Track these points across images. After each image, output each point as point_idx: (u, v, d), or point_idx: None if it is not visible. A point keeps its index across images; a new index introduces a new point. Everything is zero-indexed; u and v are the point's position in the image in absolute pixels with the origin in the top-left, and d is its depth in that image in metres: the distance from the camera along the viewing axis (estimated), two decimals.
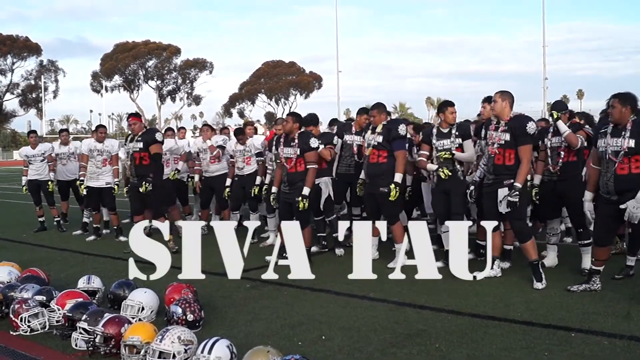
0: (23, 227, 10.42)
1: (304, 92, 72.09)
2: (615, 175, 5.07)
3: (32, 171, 10.02)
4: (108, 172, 9.01)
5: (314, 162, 6.82)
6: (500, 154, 5.72)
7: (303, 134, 6.89)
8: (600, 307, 4.96)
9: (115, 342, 4.14)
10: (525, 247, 5.70)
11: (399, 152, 6.50)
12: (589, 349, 4.06)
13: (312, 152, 6.79)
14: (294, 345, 4.26)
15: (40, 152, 9.96)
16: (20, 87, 66.28)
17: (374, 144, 6.57)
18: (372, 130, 6.69)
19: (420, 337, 4.37)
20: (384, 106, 6.82)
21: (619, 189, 5.05)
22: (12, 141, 68.47)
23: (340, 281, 5.83)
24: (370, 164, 6.63)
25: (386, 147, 6.52)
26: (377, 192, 6.54)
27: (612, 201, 5.13)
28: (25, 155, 10.12)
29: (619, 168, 5.05)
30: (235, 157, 8.77)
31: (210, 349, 3.70)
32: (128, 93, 69.68)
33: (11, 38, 63.57)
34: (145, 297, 4.90)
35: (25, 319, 4.68)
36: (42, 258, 7.70)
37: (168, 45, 68.98)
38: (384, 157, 6.54)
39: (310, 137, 6.86)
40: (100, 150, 8.99)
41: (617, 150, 5.07)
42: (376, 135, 6.58)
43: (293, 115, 7.12)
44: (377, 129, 6.62)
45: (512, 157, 5.66)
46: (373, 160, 6.60)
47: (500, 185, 5.67)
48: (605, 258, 5.40)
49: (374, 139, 6.59)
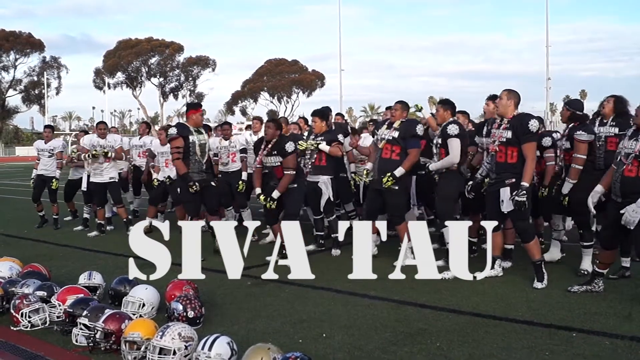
0: (25, 223, 10.43)
1: (306, 90, 72.05)
2: (622, 177, 5.05)
3: (40, 165, 10.01)
4: (111, 167, 9.06)
5: (291, 168, 6.90)
6: (502, 151, 5.70)
7: (280, 140, 6.94)
8: (602, 307, 4.95)
9: (115, 338, 4.14)
10: (529, 246, 5.69)
11: (412, 149, 6.55)
12: (590, 349, 4.05)
13: (289, 156, 6.87)
14: (294, 343, 4.26)
15: (49, 148, 9.93)
16: (23, 83, 66.28)
17: (389, 139, 6.60)
18: (389, 125, 6.72)
19: (421, 335, 4.37)
20: (406, 104, 6.82)
21: (624, 191, 5.04)
22: (15, 137, 68.53)
23: (341, 279, 5.83)
24: (382, 159, 6.64)
25: (400, 144, 6.56)
26: (385, 188, 6.56)
27: (618, 203, 5.12)
28: (36, 148, 10.16)
29: (627, 170, 5.03)
30: (220, 154, 8.75)
31: (210, 345, 3.71)
32: (131, 90, 69.76)
33: (14, 34, 63.59)
34: (146, 294, 4.90)
35: (26, 314, 4.69)
36: (44, 254, 7.71)
37: (171, 42, 69.01)
38: (397, 153, 6.56)
39: (286, 141, 6.90)
40: (103, 146, 9.01)
41: (629, 152, 5.06)
42: (392, 130, 6.62)
43: (273, 122, 7.14)
44: (394, 124, 6.65)
45: (515, 155, 5.63)
46: (386, 155, 6.61)
47: (502, 185, 5.66)
48: (611, 262, 5.37)
49: (389, 134, 6.62)
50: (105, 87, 65.15)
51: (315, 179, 7.38)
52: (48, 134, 10.15)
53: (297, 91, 72.49)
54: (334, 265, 6.70)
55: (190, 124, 7.17)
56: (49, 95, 64.79)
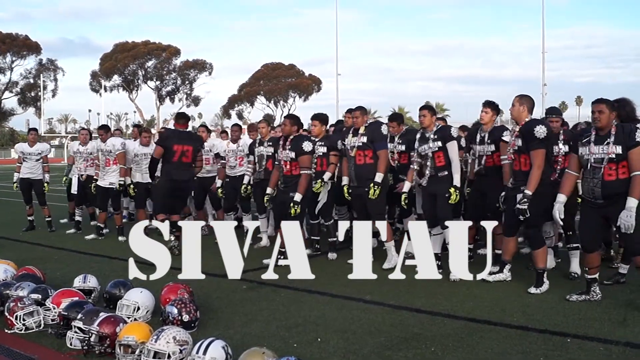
0: (20, 225, 10.37)
1: (303, 94, 72.00)
2: (602, 182, 5.06)
3: (25, 169, 9.86)
4: (112, 172, 8.99)
5: (307, 167, 6.87)
6: (516, 159, 5.71)
7: (297, 138, 6.95)
8: (597, 312, 4.96)
9: (110, 342, 4.13)
10: (536, 254, 5.71)
11: (382, 151, 6.64)
12: (585, 354, 4.06)
13: (305, 156, 6.85)
14: (289, 347, 4.26)
15: (37, 151, 9.86)
16: (19, 85, 66.09)
17: (359, 145, 6.66)
18: (354, 132, 6.77)
19: (416, 340, 4.37)
20: (364, 108, 6.94)
21: (606, 194, 5.06)
22: (11, 139, 68.28)
23: (336, 284, 5.83)
24: (358, 166, 6.69)
25: (370, 147, 6.64)
26: (364, 192, 6.60)
27: (599, 205, 5.14)
28: (21, 151, 9.94)
29: (607, 174, 5.04)
30: (227, 157, 8.75)
31: (205, 349, 3.70)
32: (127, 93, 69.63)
33: (10, 36, 63.40)
34: (141, 297, 4.89)
35: (20, 317, 4.67)
36: (39, 257, 7.69)
37: (168, 45, 68.87)
38: (370, 157, 6.66)
39: (304, 140, 6.88)
40: (103, 150, 9.00)
41: (600, 157, 5.07)
42: (359, 136, 6.69)
43: (291, 118, 7.18)
44: (359, 130, 6.71)
45: (527, 163, 5.60)
46: (360, 161, 6.68)
47: (518, 191, 5.65)
48: (597, 264, 5.38)
49: (358, 140, 6.68)
50: (101, 90, 64.98)
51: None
52: (33, 138, 10.01)
53: (294, 95, 72.44)
54: (329, 269, 6.70)
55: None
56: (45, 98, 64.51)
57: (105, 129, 9.60)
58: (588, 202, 5.26)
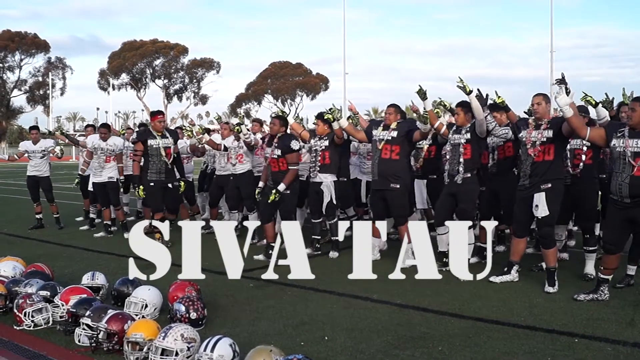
0: (29, 222, 10.43)
1: (310, 93, 71.99)
2: (631, 177, 4.97)
3: (31, 167, 9.95)
4: (111, 167, 9.07)
5: (295, 164, 7.23)
6: (542, 150, 5.64)
7: (284, 137, 7.26)
8: (604, 313, 4.94)
9: (118, 339, 4.15)
10: (548, 253, 5.70)
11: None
12: (592, 355, 4.05)
13: (293, 153, 7.19)
14: (296, 345, 4.27)
15: (40, 149, 9.91)
16: (27, 83, 66.33)
17: (388, 139, 6.69)
18: (385, 127, 6.79)
19: (423, 339, 4.37)
20: (398, 106, 7.05)
21: (634, 192, 4.97)
22: (19, 137, 68.61)
23: (343, 282, 5.83)
24: (382, 160, 6.68)
25: (399, 144, 6.64)
26: (388, 189, 6.57)
27: (625, 205, 5.07)
28: (25, 149, 10.02)
29: (638, 170, 4.95)
30: (229, 155, 8.75)
31: (213, 347, 3.72)
32: (135, 91, 69.84)
33: (20, 35, 63.67)
34: (149, 295, 4.91)
35: (29, 314, 4.70)
36: (48, 254, 7.73)
37: (175, 44, 69.01)
38: (397, 153, 6.64)
39: (291, 139, 7.24)
40: (104, 148, 9.05)
41: (637, 151, 4.98)
42: (390, 130, 6.72)
43: (281, 119, 7.49)
44: (391, 125, 6.74)
45: (552, 152, 5.62)
46: (385, 156, 6.68)
47: (536, 190, 5.62)
48: (615, 267, 5.34)
49: (388, 134, 6.71)
50: (109, 88, 65.23)
51: (319, 180, 7.38)
52: (35, 135, 10.04)
53: (301, 94, 72.41)
54: (335, 268, 6.70)
55: (153, 129, 8.12)
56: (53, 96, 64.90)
57: (108, 127, 9.64)
58: (614, 203, 5.21)
